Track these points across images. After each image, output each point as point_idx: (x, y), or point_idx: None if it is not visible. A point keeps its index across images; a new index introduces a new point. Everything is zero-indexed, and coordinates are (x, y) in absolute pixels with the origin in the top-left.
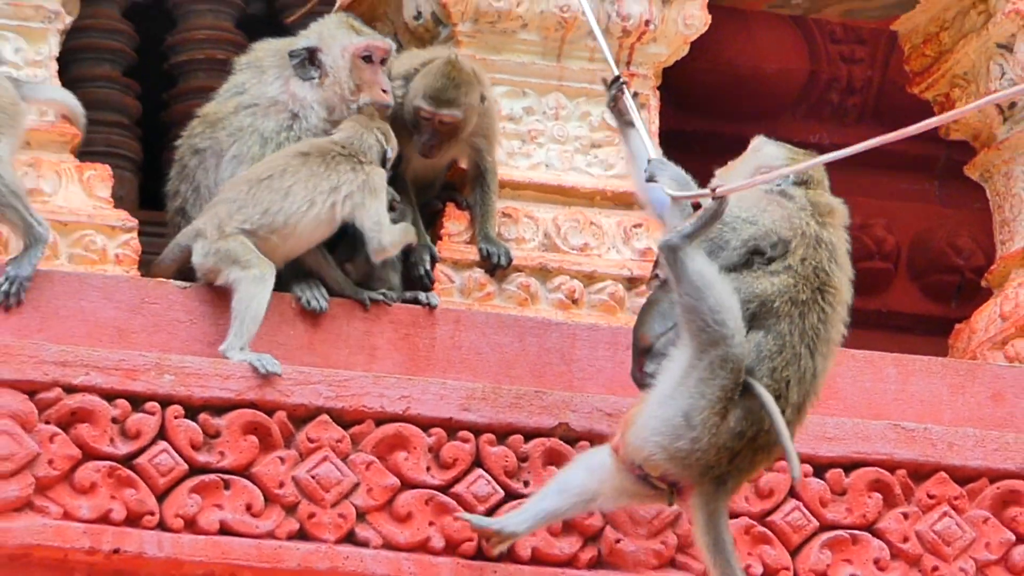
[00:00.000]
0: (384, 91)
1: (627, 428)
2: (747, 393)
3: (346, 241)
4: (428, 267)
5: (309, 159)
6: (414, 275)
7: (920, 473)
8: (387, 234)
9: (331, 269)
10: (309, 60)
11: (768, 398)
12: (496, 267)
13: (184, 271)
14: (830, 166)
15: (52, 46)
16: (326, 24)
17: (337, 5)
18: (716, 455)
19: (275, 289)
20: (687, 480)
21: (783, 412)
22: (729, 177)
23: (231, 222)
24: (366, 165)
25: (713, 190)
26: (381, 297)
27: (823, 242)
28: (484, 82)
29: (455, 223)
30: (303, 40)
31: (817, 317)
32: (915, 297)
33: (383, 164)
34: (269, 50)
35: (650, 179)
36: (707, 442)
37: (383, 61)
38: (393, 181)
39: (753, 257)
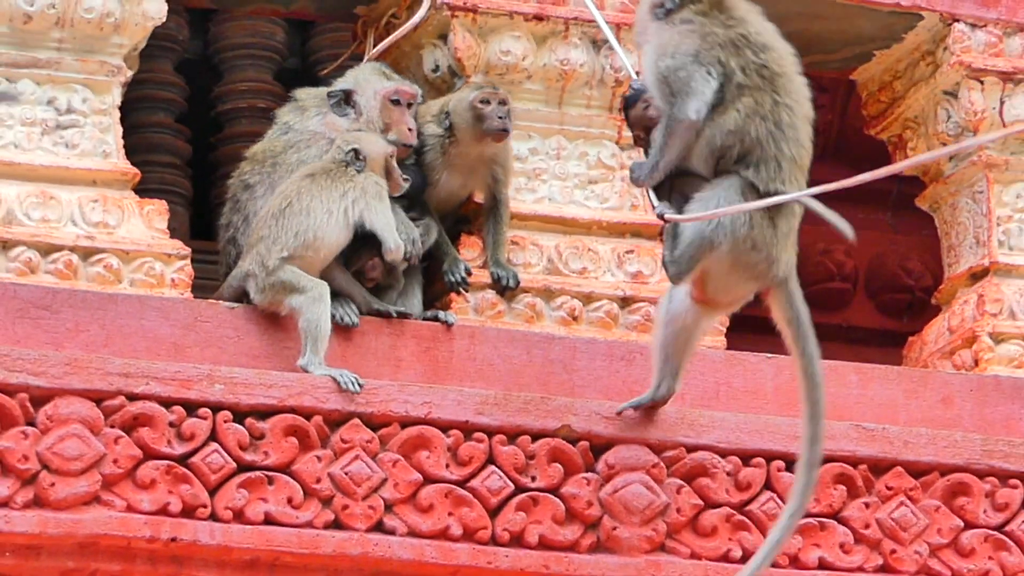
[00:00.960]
0: (410, 130)
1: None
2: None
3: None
4: (463, 275)
5: (316, 178)
6: (448, 281)
7: (879, 468)
8: (393, 235)
9: (359, 289)
10: (345, 100)
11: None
12: (506, 289)
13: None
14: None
15: (115, 96)
16: (361, 70)
17: (366, 58)
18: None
19: None
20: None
21: (796, 180)
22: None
23: (272, 256)
24: (360, 175)
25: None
26: (403, 310)
27: (739, 39)
28: None
29: (469, 250)
30: (341, 83)
31: (785, 113)
32: (871, 313)
33: (347, 159)
34: (310, 94)
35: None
36: (767, 251)
37: (410, 104)
38: (416, 203)
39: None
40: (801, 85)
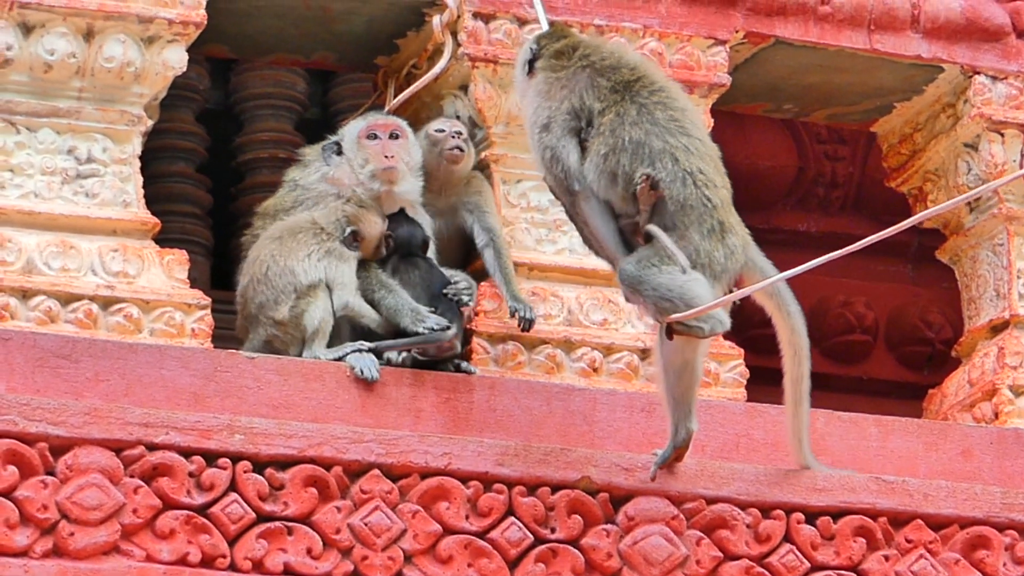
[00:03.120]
0: (387, 156)
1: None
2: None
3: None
4: (464, 296)
5: (283, 240)
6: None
7: (899, 520)
8: (350, 296)
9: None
10: (336, 151)
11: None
12: (524, 320)
13: None
14: (819, 252)
15: (136, 146)
16: (349, 123)
17: (386, 110)
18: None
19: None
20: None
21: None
22: None
23: (280, 311)
24: (330, 237)
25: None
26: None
27: (585, 75)
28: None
29: (490, 301)
30: (338, 134)
31: (659, 111)
32: (892, 366)
33: (345, 240)
34: (311, 149)
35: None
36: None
37: (393, 136)
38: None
39: (585, 139)
40: (669, 84)
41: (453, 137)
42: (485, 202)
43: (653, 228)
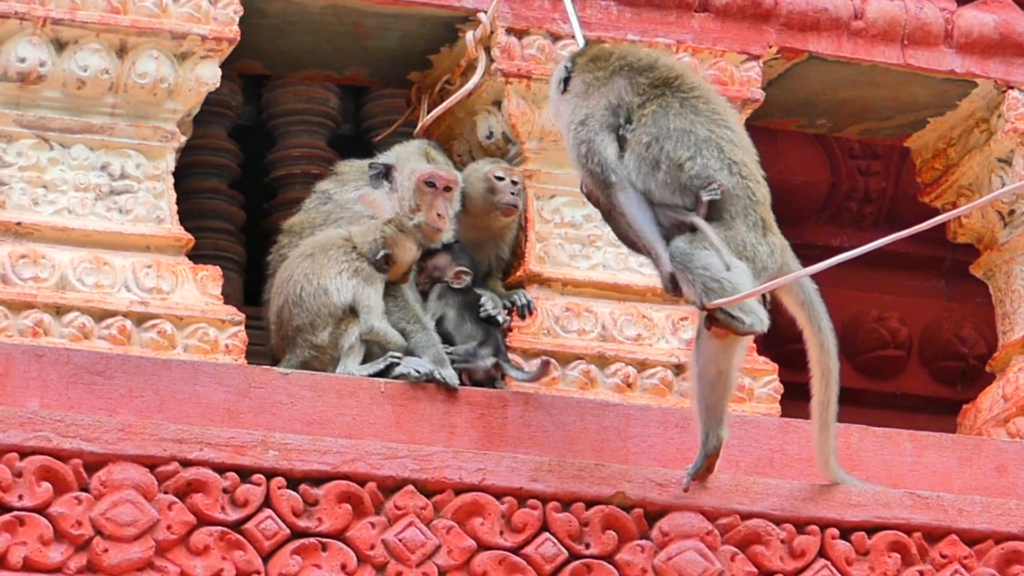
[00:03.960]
0: (439, 215)
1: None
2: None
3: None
4: (500, 313)
5: (315, 257)
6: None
7: (934, 536)
8: (375, 320)
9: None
10: (385, 175)
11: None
12: (522, 307)
13: None
14: (853, 267)
15: (169, 162)
16: (405, 148)
17: (419, 127)
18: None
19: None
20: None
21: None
22: None
23: (319, 336)
24: (360, 257)
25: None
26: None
27: (622, 72)
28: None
29: (527, 318)
30: (384, 157)
31: (701, 103)
32: (926, 381)
33: (376, 262)
34: (352, 166)
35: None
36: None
37: (447, 189)
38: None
39: (623, 136)
40: (707, 85)
41: (512, 192)
42: (507, 254)
43: (698, 220)
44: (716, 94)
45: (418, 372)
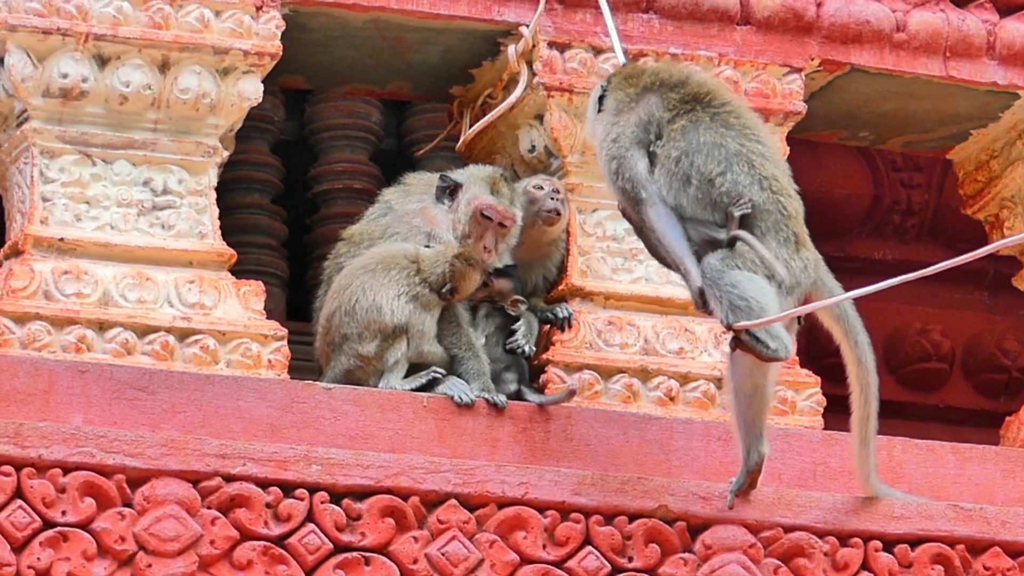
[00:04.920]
0: (486, 249)
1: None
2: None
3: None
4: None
5: (376, 273)
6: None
7: (977, 548)
8: (426, 345)
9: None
10: (451, 191)
11: (754, 242)
12: (562, 320)
13: None
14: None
15: (211, 177)
16: (478, 171)
17: (461, 141)
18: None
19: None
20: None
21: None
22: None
23: (364, 347)
24: (423, 283)
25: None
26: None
27: (654, 88)
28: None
29: (566, 332)
30: (456, 174)
31: (732, 118)
32: (968, 393)
33: (441, 294)
34: (419, 178)
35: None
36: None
37: (501, 225)
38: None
39: (654, 152)
40: (739, 101)
41: (552, 199)
42: (555, 274)
43: (745, 235)
44: (748, 109)
45: (460, 400)
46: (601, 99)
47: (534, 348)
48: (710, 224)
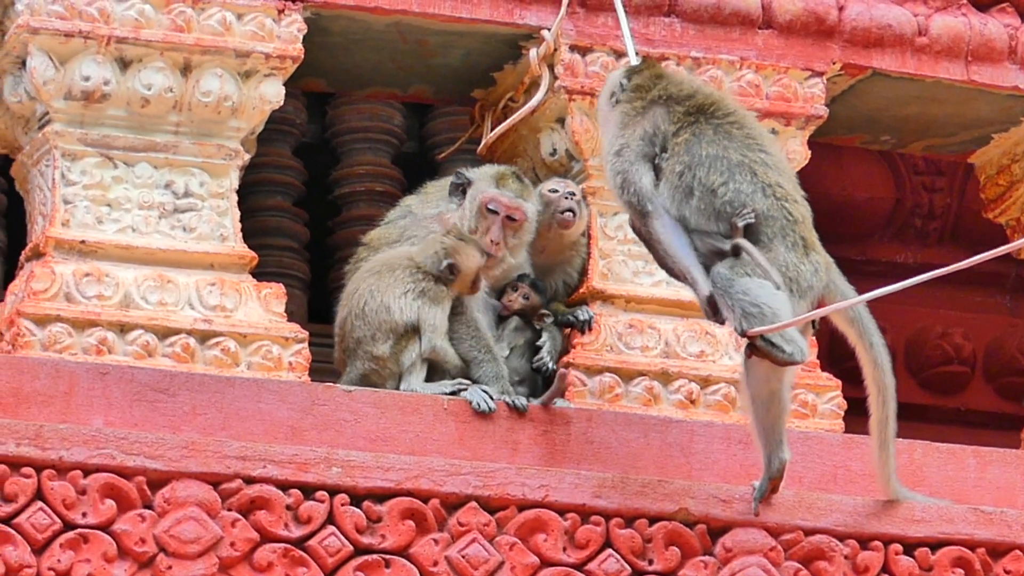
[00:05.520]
0: (493, 242)
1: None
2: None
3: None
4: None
5: (381, 275)
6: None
7: (998, 551)
8: (438, 339)
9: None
10: (463, 188)
11: (752, 249)
12: (582, 323)
13: None
14: (917, 283)
15: (233, 180)
16: (487, 169)
17: (482, 144)
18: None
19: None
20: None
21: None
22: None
23: (378, 347)
24: (426, 276)
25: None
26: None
27: (661, 101)
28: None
29: (587, 335)
30: (471, 172)
31: (735, 129)
32: (990, 396)
33: (441, 273)
34: (438, 184)
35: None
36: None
37: (510, 219)
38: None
39: (659, 164)
40: (745, 112)
41: (566, 199)
42: (576, 280)
43: (744, 242)
44: (753, 120)
45: (479, 407)
46: (621, 89)
47: (553, 368)
48: (715, 235)
